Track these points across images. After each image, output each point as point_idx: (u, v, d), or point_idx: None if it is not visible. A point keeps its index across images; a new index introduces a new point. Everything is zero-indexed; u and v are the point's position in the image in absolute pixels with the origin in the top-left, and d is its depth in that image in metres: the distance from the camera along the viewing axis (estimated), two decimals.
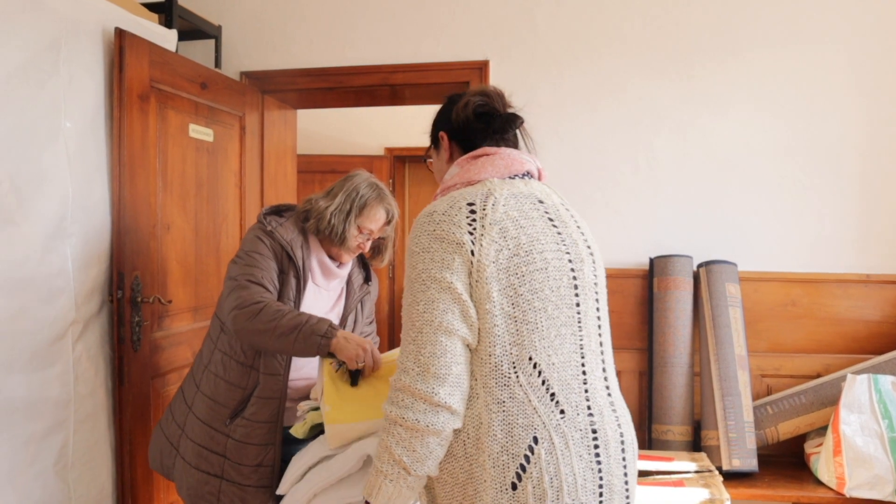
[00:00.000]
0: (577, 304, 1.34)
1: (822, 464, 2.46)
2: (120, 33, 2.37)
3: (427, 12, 3.12)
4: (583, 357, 1.33)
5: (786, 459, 2.72)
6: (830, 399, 2.59)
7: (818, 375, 2.75)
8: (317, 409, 1.83)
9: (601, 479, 1.29)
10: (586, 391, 1.32)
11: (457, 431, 1.27)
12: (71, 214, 2.22)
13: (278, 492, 1.82)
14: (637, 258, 2.91)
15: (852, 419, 2.41)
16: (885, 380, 2.45)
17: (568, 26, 3.00)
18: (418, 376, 1.24)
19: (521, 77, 3.03)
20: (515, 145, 1.51)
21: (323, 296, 2.04)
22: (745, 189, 2.88)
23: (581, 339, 1.34)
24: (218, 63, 3.22)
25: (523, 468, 1.23)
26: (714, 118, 2.90)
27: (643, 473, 2.35)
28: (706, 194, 2.91)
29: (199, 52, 3.24)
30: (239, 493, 1.90)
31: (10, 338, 2.02)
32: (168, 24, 2.87)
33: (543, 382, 1.27)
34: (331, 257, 2.05)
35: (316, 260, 2.01)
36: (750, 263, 2.86)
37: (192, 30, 3.12)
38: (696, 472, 2.40)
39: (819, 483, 2.48)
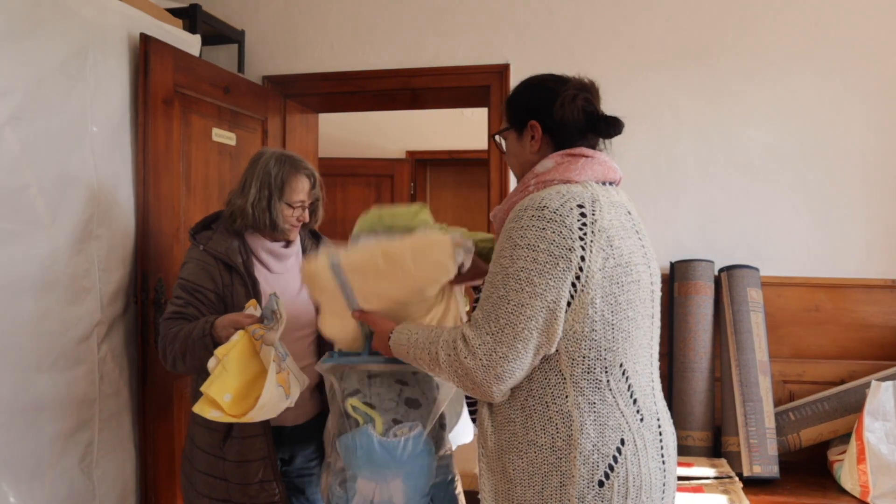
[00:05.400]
0: (652, 316, 1.43)
1: (846, 471, 2.43)
2: (145, 39, 2.41)
3: (447, 16, 3.13)
4: (652, 365, 1.43)
5: (808, 466, 2.68)
6: (854, 406, 2.54)
7: (842, 382, 2.70)
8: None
9: (665, 477, 1.39)
10: (654, 396, 1.42)
11: (544, 424, 1.32)
12: (97, 217, 2.26)
13: None
14: (658, 262, 2.89)
15: (877, 426, 2.37)
16: None
17: (589, 30, 2.99)
18: (483, 368, 1.29)
19: None
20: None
21: (286, 279, 2.04)
22: (768, 193, 2.85)
23: (652, 349, 1.43)
24: (241, 68, 3.26)
25: (611, 467, 1.30)
26: (737, 120, 2.87)
27: None
28: (728, 198, 2.89)
29: (223, 56, 3.29)
30: None
31: (38, 338, 2.06)
32: (192, 29, 2.91)
33: (629, 388, 1.34)
34: (278, 239, 2.05)
35: (264, 252, 2.01)
36: (773, 268, 2.83)
37: (216, 35, 3.16)
38: (716, 478, 2.38)
39: (842, 491, 2.44)
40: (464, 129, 5.07)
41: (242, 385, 1.64)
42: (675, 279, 2.81)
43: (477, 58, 3.10)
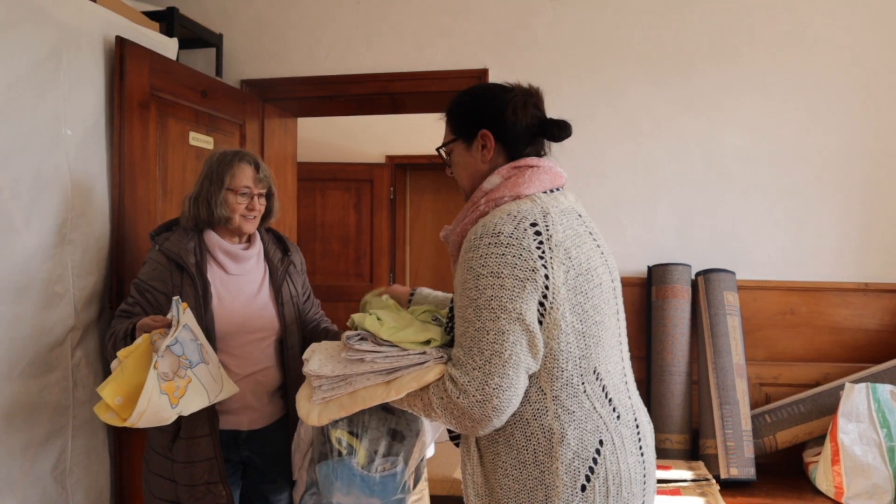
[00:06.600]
0: (618, 313, 1.43)
1: (821, 473, 2.46)
2: (121, 42, 2.39)
3: (427, 21, 3.13)
4: (623, 361, 1.44)
5: (784, 468, 2.71)
6: (829, 408, 2.58)
7: (817, 384, 2.74)
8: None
9: (644, 468, 1.40)
10: (628, 391, 1.43)
11: (527, 440, 1.32)
12: (71, 222, 2.23)
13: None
14: (635, 266, 2.92)
15: (850, 428, 2.40)
16: (884, 389, 2.44)
17: (566, 35, 3.01)
18: (479, 404, 1.27)
19: None
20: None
21: (242, 281, 2.02)
22: (744, 197, 2.89)
23: (621, 345, 1.44)
24: (219, 71, 3.24)
25: (591, 470, 1.30)
26: (714, 126, 2.91)
27: None
28: (705, 203, 2.92)
29: (200, 60, 3.27)
30: None
31: (10, 344, 2.03)
32: (169, 32, 2.88)
33: (603, 389, 1.35)
34: (239, 239, 2.04)
35: (221, 252, 1.99)
36: (749, 272, 2.86)
37: (193, 38, 3.14)
38: (693, 480, 2.40)
39: (817, 492, 2.47)
40: (443, 133, 5.07)
41: (134, 389, 1.63)
42: (653, 283, 2.83)
43: (456, 63, 3.11)
